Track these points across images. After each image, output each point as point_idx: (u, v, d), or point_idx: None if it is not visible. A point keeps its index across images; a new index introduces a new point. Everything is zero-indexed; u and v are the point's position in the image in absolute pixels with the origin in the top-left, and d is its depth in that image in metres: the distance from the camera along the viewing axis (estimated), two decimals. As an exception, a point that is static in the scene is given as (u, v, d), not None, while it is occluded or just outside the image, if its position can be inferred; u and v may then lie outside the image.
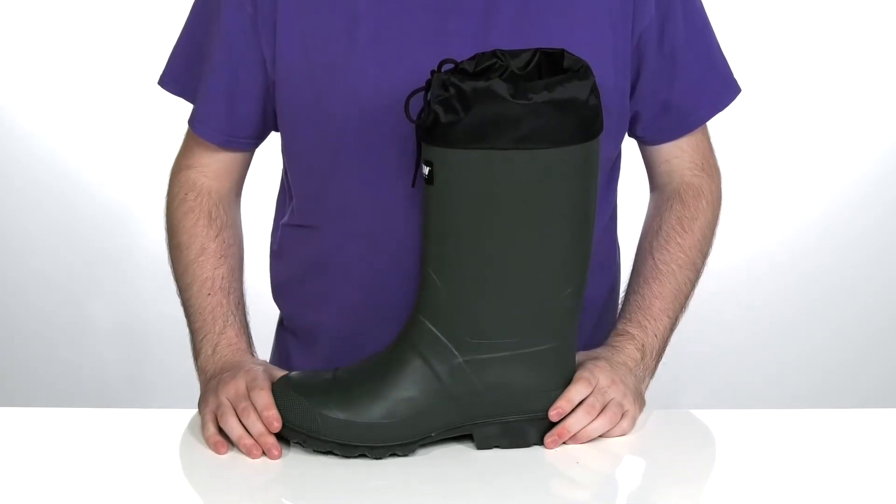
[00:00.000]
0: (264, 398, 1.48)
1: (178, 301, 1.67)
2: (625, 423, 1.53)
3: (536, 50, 1.48)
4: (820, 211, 3.43)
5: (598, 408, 1.51)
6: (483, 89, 1.40)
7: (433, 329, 1.47)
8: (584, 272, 1.49)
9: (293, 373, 1.52)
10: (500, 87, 1.40)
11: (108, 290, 3.44)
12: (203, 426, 1.52)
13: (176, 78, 1.71)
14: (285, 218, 1.72)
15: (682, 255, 1.69)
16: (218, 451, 1.49)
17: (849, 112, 3.40)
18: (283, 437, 1.48)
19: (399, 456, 1.46)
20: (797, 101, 3.40)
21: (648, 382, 1.63)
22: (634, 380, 1.58)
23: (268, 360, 1.79)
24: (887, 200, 3.43)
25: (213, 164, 1.70)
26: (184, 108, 1.72)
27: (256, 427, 1.48)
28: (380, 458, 1.46)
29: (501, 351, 1.47)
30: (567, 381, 1.50)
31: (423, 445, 1.48)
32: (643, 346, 1.62)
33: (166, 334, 3.43)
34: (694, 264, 1.70)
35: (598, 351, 1.60)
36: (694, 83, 1.68)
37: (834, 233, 3.44)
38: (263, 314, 1.71)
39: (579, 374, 1.52)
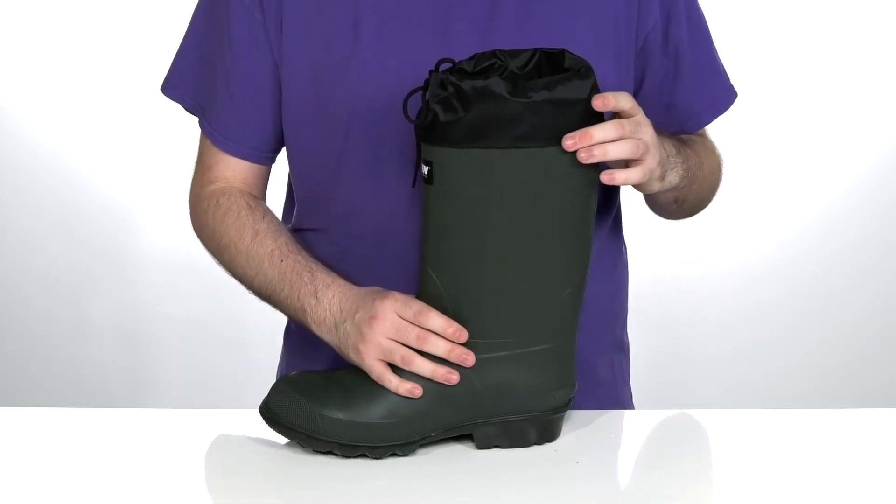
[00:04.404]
0: (434, 318, 1.45)
1: (178, 301, 1.66)
2: (639, 169, 1.46)
3: (536, 50, 1.48)
4: (819, 212, 3.44)
5: (627, 134, 1.44)
6: (482, 88, 1.40)
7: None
8: (584, 272, 1.49)
9: (293, 373, 1.51)
10: (499, 85, 1.40)
11: (108, 290, 3.44)
12: (382, 380, 1.46)
13: (181, 86, 1.69)
14: (291, 223, 1.71)
15: (707, 156, 1.68)
16: (414, 395, 1.45)
17: (848, 113, 3.41)
18: (283, 437, 1.49)
19: (399, 456, 1.46)
20: (795, 104, 3.40)
21: (672, 179, 1.56)
22: (665, 154, 1.52)
23: (276, 367, 1.79)
24: (887, 201, 3.43)
25: (238, 175, 1.68)
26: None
27: (441, 347, 1.45)
28: (380, 458, 1.46)
29: (501, 350, 1.47)
30: (567, 382, 1.50)
31: (423, 445, 1.48)
32: (680, 150, 1.59)
33: (166, 334, 3.43)
34: (712, 173, 1.70)
35: None
36: (696, 86, 1.69)
37: (834, 234, 3.44)
38: (274, 318, 1.71)
39: (626, 92, 1.47)
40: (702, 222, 1.85)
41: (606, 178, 1.44)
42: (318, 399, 1.46)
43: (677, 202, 1.67)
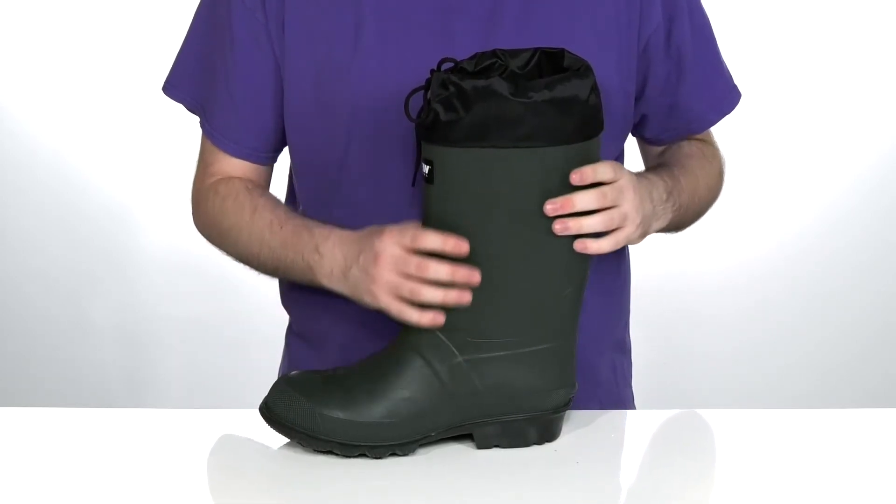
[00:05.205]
0: (429, 238, 1.43)
1: (178, 301, 1.66)
2: (611, 239, 1.47)
3: (536, 49, 1.48)
4: (819, 212, 3.43)
5: (608, 203, 1.45)
6: (483, 88, 1.40)
7: (433, 329, 1.46)
8: (584, 272, 1.49)
9: (293, 372, 1.51)
10: (500, 85, 1.40)
11: (108, 290, 3.44)
12: (402, 315, 1.45)
13: (182, 85, 1.69)
14: None
15: (704, 172, 1.68)
16: (437, 323, 1.44)
17: (848, 113, 3.40)
18: (283, 437, 1.48)
19: (399, 456, 1.46)
20: (796, 104, 3.40)
21: (658, 226, 1.58)
22: (651, 207, 1.53)
23: (278, 366, 1.79)
24: (887, 201, 3.43)
25: (239, 175, 1.68)
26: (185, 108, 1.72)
27: (442, 272, 1.43)
28: (380, 458, 1.46)
29: (501, 350, 1.47)
30: (567, 382, 1.50)
31: (423, 445, 1.48)
32: (671, 191, 1.59)
33: (166, 334, 3.43)
34: (710, 190, 1.70)
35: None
36: (700, 87, 1.69)
37: (833, 233, 3.44)
38: (274, 318, 1.71)
39: (609, 161, 1.47)
40: (702, 222, 1.84)
41: (579, 246, 1.45)
42: (318, 399, 1.46)
43: (668, 230, 1.67)
